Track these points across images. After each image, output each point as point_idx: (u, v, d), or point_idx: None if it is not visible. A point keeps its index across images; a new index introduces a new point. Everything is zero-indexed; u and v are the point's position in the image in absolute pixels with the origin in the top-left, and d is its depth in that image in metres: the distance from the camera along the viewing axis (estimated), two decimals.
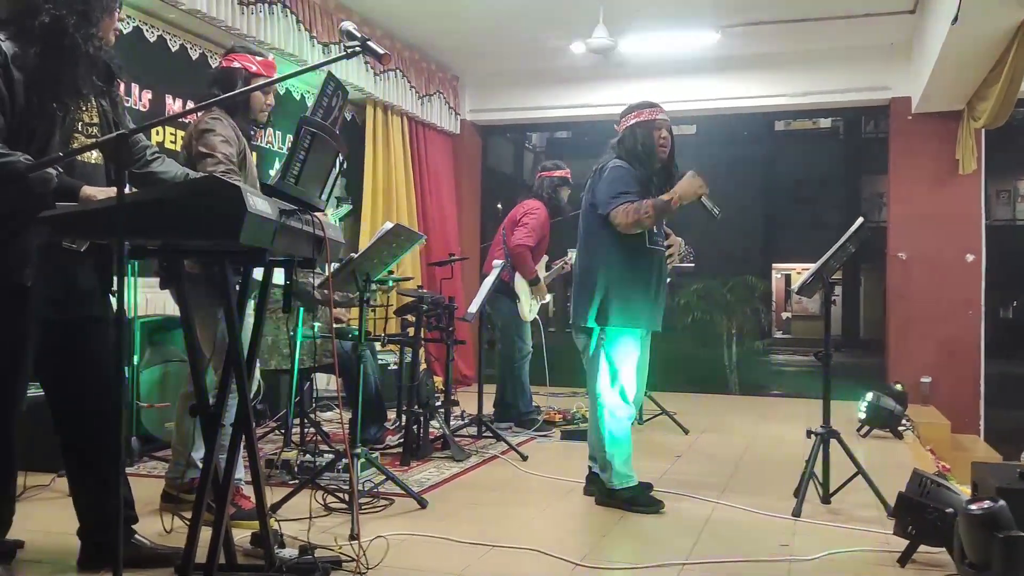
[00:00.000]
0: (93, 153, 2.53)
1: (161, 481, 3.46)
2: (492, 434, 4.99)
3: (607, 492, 3.65)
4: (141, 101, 5.16)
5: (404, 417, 4.79)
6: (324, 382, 6.19)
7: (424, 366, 5.17)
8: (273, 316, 4.40)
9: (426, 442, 4.62)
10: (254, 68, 3.31)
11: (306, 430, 4.73)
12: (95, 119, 2.56)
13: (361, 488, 3.53)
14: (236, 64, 3.30)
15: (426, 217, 7.76)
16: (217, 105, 3.16)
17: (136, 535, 2.74)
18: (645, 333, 3.72)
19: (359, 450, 3.48)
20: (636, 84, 7.65)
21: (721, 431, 5.76)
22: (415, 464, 4.38)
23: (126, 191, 1.98)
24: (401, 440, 4.64)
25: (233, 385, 2.36)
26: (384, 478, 3.67)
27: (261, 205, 2.07)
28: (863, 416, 5.63)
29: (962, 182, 7.10)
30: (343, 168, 2.52)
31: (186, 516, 2.70)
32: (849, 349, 16.08)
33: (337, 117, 2.42)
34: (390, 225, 3.61)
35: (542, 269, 5.72)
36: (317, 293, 4.21)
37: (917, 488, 2.94)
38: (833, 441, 3.69)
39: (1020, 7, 4.76)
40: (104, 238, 2.36)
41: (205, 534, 2.27)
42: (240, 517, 3.12)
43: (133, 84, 5.08)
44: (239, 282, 3.04)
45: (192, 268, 2.91)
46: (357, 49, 2.24)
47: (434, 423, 4.72)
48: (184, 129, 4.71)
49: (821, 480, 3.70)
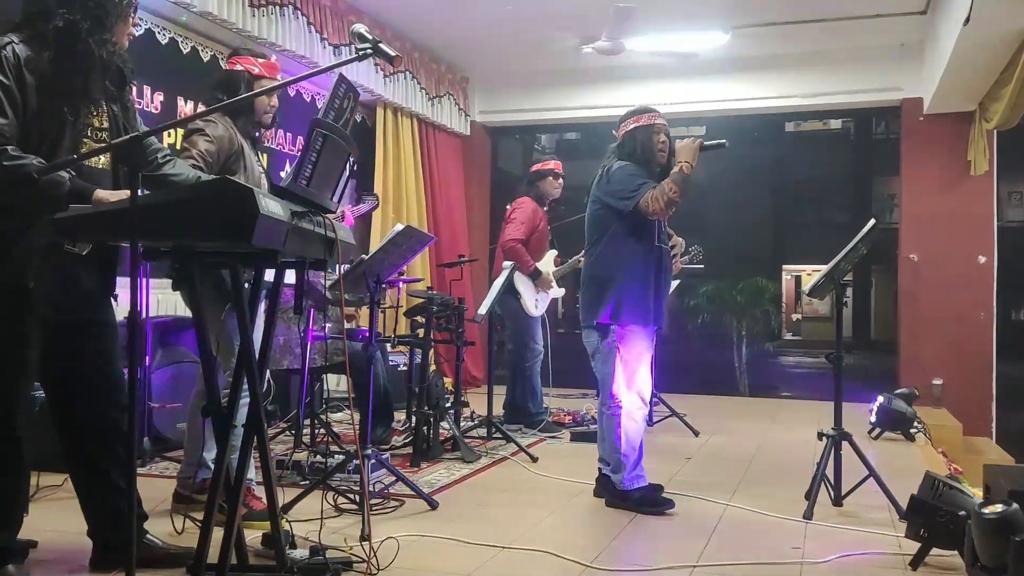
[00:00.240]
0: (101, 157, 2.55)
1: (173, 481, 3.48)
2: (502, 435, 4.99)
3: (618, 493, 3.65)
4: (153, 103, 5.19)
5: (413, 418, 4.80)
6: (334, 383, 6.21)
7: (433, 367, 5.18)
8: (284, 316, 4.41)
9: (436, 443, 4.62)
10: (256, 70, 3.34)
11: (316, 431, 4.75)
12: (105, 124, 2.57)
13: (372, 489, 3.54)
14: (239, 67, 3.33)
15: (436, 218, 7.77)
16: (222, 109, 3.19)
17: (148, 535, 2.75)
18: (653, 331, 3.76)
19: (370, 451, 3.49)
20: (646, 85, 7.66)
21: (731, 433, 5.75)
22: (425, 465, 4.39)
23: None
24: (407, 440, 4.64)
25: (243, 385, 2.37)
26: (394, 479, 3.68)
27: (273, 207, 2.08)
28: (874, 419, 5.61)
29: (974, 183, 7.07)
30: (354, 170, 2.53)
31: (197, 517, 2.72)
32: (860, 351, 16.01)
33: (348, 119, 2.42)
34: (400, 227, 3.61)
35: (549, 263, 5.72)
36: (328, 293, 4.22)
37: (929, 491, 2.92)
38: (844, 443, 3.69)
39: None
40: (118, 240, 2.38)
41: (216, 534, 2.28)
42: (251, 518, 3.13)
43: (145, 86, 5.10)
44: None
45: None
46: (369, 51, 2.25)
47: (444, 424, 4.72)
48: None
49: (832, 482, 3.69)
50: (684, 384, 7.27)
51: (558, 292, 5.83)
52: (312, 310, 4.47)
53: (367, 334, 3.86)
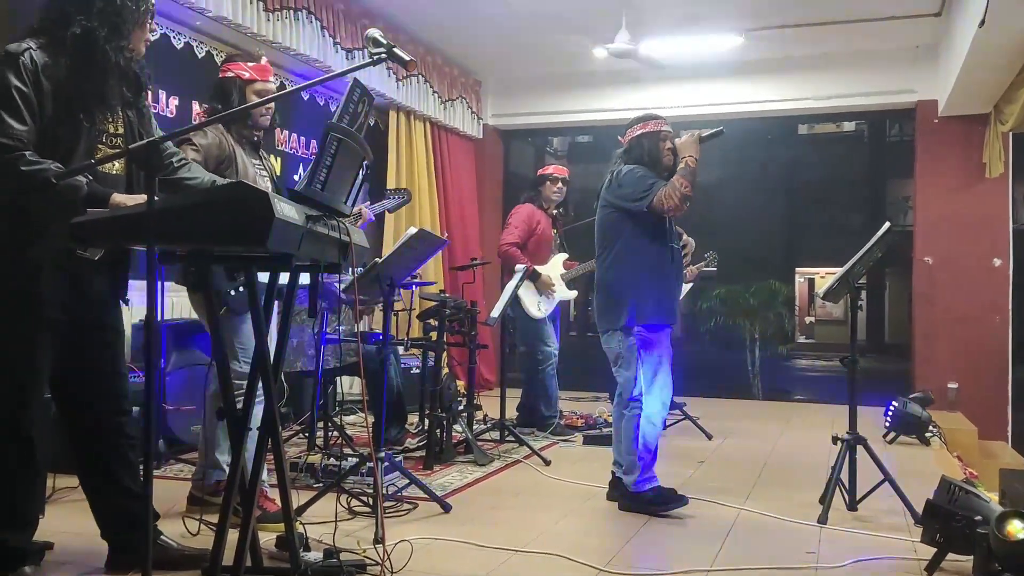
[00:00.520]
0: (116, 162, 2.56)
1: (187, 484, 3.50)
2: (515, 438, 4.99)
3: (630, 496, 3.65)
4: (168, 108, 5.22)
5: (426, 421, 4.80)
6: (348, 385, 6.22)
7: (446, 370, 5.18)
8: (298, 318, 4.43)
9: (449, 446, 4.63)
10: (247, 75, 3.36)
11: (330, 434, 4.76)
12: (120, 130, 2.59)
13: (385, 492, 3.54)
14: (230, 74, 3.37)
15: (448, 222, 7.78)
16: (217, 117, 3.21)
17: (163, 536, 2.76)
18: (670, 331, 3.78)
19: (383, 454, 3.49)
20: (659, 88, 7.66)
21: (745, 436, 5.73)
22: (438, 468, 4.39)
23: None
24: (421, 443, 4.65)
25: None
26: (408, 482, 3.68)
27: (288, 211, 2.10)
28: (889, 422, 5.58)
29: (989, 186, 7.03)
30: (368, 174, 2.53)
31: (210, 520, 2.73)
32: (874, 354, 15.91)
33: (363, 123, 2.43)
34: (414, 230, 3.63)
35: (557, 266, 5.72)
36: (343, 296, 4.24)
37: (945, 495, 2.90)
38: (859, 447, 3.67)
39: None
40: (134, 243, 2.39)
41: (231, 536, 2.29)
42: (265, 519, 3.14)
43: (160, 91, 5.13)
44: (234, 287, 3.08)
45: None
46: (383, 56, 2.26)
47: (457, 427, 4.73)
48: None
49: (847, 487, 3.67)
50: (697, 387, 7.25)
51: (569, 295, 5.82)
52: (327, 312, 4.49)
53: (380, 337, 3.87)
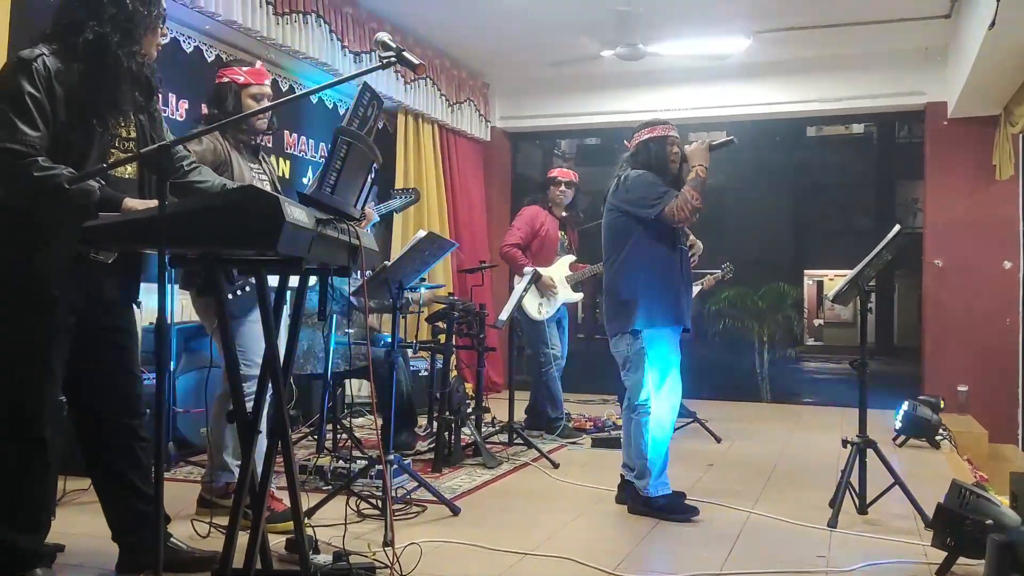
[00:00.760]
0: (128, 166, 2.58)
1: (197, 486, 3.51)
2: (523, 441, 4.99)
3: (641, 500, 3.64)
4: (178, 111, 5.24)
5: (435, 423, 4.81)
6: (356, 388, 6.23)
7: (455, 373, 5.19)
8: (309, 322, 4.44)
9: (457, 449, 4.63)
10: (242, 79, 3.40)
11: (339, 436, 4.77)
12: (132, 134, 2.60)
13: (394, 495, 3.55)
14: (225, 79, 3.40)
15: (457, 224, 7.79)
16: (217, 124, 3.23)
17: (172, 538, 2.77)
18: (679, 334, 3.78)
19: (392, 456, 3.50)
20: (666, 90, 7.65)
21: (754, 439, 5.72)
22: (447, 471, 4.40)
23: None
24: (431, 446, 4.65)
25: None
26: (417, 485, 3.69)
27: (298, 214, 2.10)
28: (899, 425, 5.56)
29: (999, 188, 6.99)
30: (377, 177, 2.54)
31: (219, 523, 2.74)
32: (883, 357, 15.86)
33: (372, 127, 2.44)
34: (423, 233, 3.64)
35: (563, 268, 5.72)
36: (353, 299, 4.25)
37: (956, 499, 2.89)
38: (869, 451, 3.65)
39: None
40: (146, 247, 2.40)
41: (240, 539, 2.29)
42: (273, 519, 3.15)
43: (170, 94, 5.16)
44: (233, 291, 3.09)
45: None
46: (393, 59, 2.26)
47: (465, 430, 4.73)
48: None
49: (857, 490, 3.66)
50: (706, 390, 7.24)
51: (574, 297, 5.82)
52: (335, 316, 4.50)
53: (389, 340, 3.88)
